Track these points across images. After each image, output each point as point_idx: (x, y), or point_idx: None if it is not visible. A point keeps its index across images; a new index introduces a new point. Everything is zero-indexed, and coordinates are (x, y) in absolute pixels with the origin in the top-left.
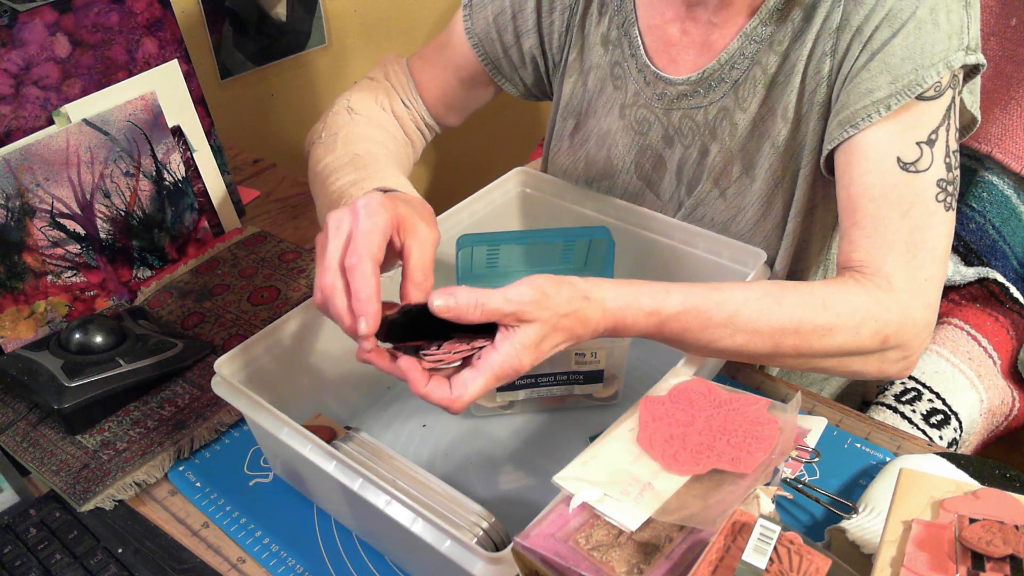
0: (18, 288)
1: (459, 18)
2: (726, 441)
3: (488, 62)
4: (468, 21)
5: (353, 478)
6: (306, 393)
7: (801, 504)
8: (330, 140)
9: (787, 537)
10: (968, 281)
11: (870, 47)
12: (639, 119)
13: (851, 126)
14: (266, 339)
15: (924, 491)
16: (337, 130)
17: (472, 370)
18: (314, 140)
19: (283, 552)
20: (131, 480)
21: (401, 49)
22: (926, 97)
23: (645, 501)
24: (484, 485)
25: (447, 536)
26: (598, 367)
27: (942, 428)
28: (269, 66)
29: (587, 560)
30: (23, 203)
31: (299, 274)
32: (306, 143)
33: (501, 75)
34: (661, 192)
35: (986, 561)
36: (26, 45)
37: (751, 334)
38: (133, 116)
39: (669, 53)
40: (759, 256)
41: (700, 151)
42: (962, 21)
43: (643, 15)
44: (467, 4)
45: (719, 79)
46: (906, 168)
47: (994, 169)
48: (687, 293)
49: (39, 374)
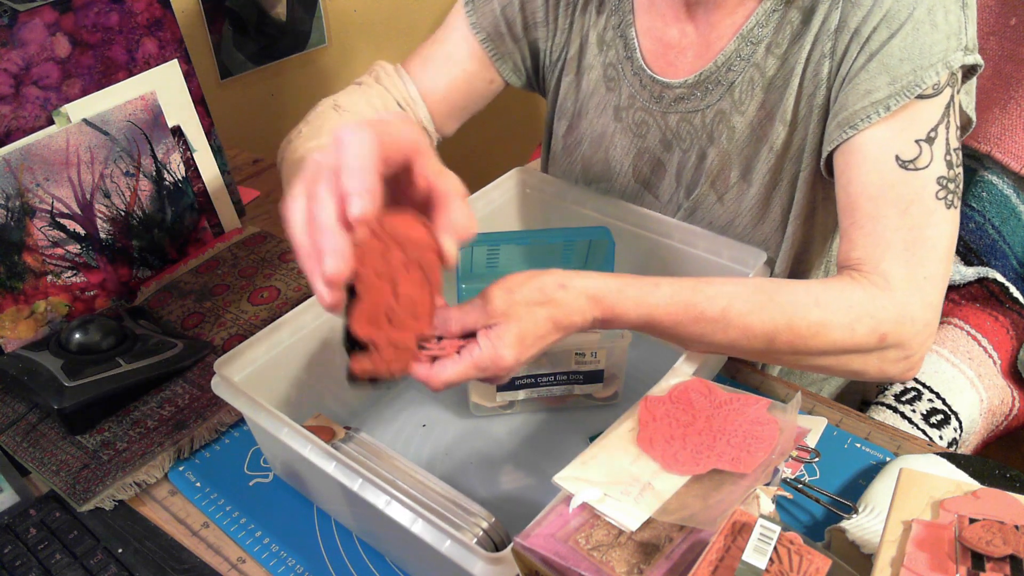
0: (18, 288)
1: (460, 13)
2: (726, 441)
3: (496, 54)
4: (473, 16)
5: (353, 478)
6: (306, 393)
7: (801, 504)
8: (311, 132)
9: (787, 537)
10: (968, 281)
11: (868, 48)
12: (637, 122)
13: (850, 127)
14: (266, 339)
15: (924, 491)
16: (321, 124)
17: (454, 357)
18: (292, 139)
19: (283, 552)
20: (131, 480)
21: (401, 49)
22: (925, 95)
23: (645, 501)
24: (484, 485)
25: (447, 536)
26: (598, 367)
27: (942, 428)
28: (269, 66)
29: (587, 560)
30: (23, 203)
31: (299, 274)
32: (280, 148)
33: (507, 66)
34: (660, 194)
35: (986, 561)
36: (26, 45)
37: (743, 329)
38: (133, 116)
39: (667, 56)
40: (760, 256)
41: (698, 155)
42: (960, 21)
43: (641, 17)
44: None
45: (716, 81)
46: (905, 166)
47: (994, 169)
48: (677, 286)
49: (39, 374)
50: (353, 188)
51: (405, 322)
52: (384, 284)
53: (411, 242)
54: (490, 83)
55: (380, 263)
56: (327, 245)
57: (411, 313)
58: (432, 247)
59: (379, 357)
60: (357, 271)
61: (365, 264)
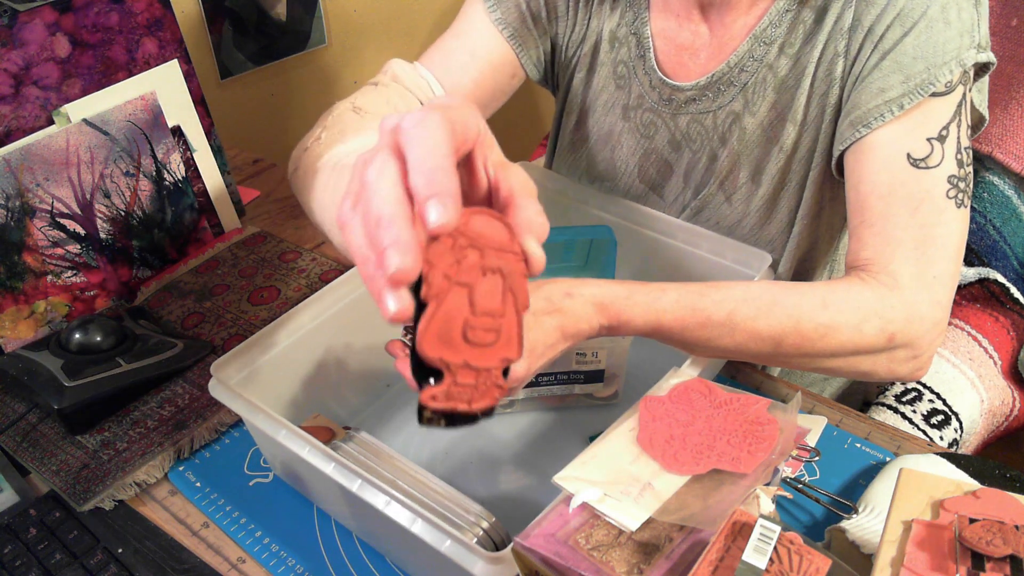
0: (18, 288)
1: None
2: (726, 441)
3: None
4: (496, 11)
5: (352, 479)
6: (305, 393)
7: (801, 504)
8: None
9: (787, 537)
10: (969, 281)
11: (882, 47)
12: (645, 123)
13: (863, 126)
14: (264, 340)
15: (924, 491)
16: (344, 127)
17: None
18: (308, 145)
19: (283, 552)
20: (131, 480)
21: (401, 49)
22: (937, 93)
23: (645, 501)
24: (484, 485)
25: (447, 536)
26: (598, 367)
27: (942, 428)
28: (269, 66)
29: (587, 560)
30: (23, 203)
31: (299, 274)
32: (294, 156)
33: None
34: (665, 194)
35: (986, 561)
36: (26, 45)
37: (750, 332)
38: (133, 116)
39: (680, 58)
40: (764, 258)
41: (709, 157)
42: (972, 19)
43: (656, 16)
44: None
45: (728, 82)
46: (916, 164)
47: (995, 169)
48: (684, 291)
49: (39, 374)
50: (429, 189)
51: (486, 341)
52: (459, 292)
53: (490, 243)
54: (512, 77)
55: (452, 266)
56: (387, 236)
57: (493, 330)
58: (515, 251)
59: (456, 386)
60: (425, 274)
61: (435, 266)
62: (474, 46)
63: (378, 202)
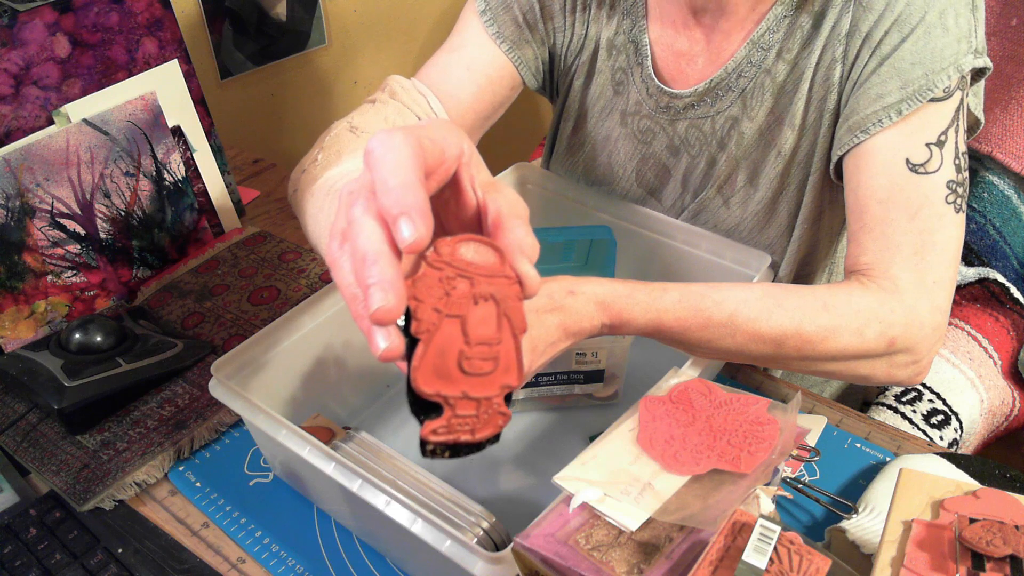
0: (18, 288)
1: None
2: (726, 441)
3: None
4: (493, 26)
5: (352, 479)
6: (305, 393)
7: (801, 504)
8: (330, 159)
9: (787, 537)
10: (968, 281)
11: (880, 52)
12: (642, 129)
13: (862, 131)
14: (264, 340)
15: (924, 491)
16: (340, 148)
17: None
18: (306, 167)
19: (283, 552)
20: (131, 480)
21: (401, 49)
22: (936, 99)
23: (645, 501)
24: (484, 485)
25: (447, 536)
26: (598, 367)
27: (942, 428)
28: (269, 66)
29: (587, 560)
30: (23, 203)
31: (299, 274)
32: (293, 177)
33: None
34: (663, 198)
35: (986, 561)
36: (26, 45)
37: (751, 334)
38: (133, 116)
39: (678, 65)
40: (764, 259)
41: (708, 161)
42: (970, 24)
43: (653, 24)
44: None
45: (726, 88)
46: (915, 170)
47: (994, 169)
48: (685, 291)
49: (39, 374)
50: (396, 208)
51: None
52: (451, 324)
53: (480, 270)
54: (511, 89)
55: (441, 299)
56: (371, 275)
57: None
58: (507, 275)
59: (456, 418)
60: (413, 310)
61: (423, 300)
62: (471, 60)
63: (363, 240)
